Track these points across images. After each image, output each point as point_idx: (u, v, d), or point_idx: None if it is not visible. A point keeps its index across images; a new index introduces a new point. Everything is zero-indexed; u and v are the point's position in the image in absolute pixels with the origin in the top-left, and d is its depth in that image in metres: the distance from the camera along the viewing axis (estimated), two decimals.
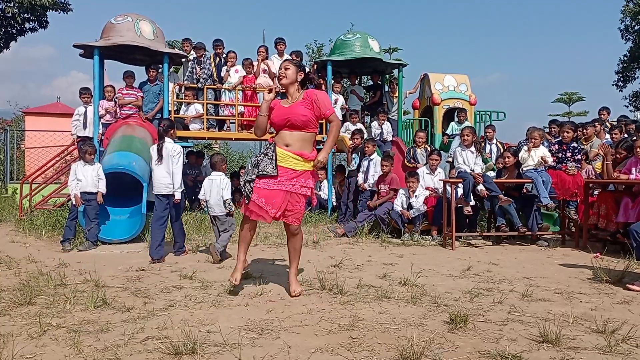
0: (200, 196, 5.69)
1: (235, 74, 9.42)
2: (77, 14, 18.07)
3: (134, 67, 9.37)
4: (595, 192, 6.87)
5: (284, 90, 3.95)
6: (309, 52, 22.31)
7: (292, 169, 3.72)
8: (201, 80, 9.14)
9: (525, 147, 6.75)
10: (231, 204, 5.51)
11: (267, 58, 9.70)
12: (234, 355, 2.70)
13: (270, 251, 5.97)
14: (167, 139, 5.53)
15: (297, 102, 3.80)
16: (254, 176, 3.70)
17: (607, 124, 9.05)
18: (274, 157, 3.68)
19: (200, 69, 9.15)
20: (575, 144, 6.84)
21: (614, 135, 7.60)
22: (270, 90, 3.88)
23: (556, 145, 6.83)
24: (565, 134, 6.74)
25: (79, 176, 6.16)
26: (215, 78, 9.28)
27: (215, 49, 9.52)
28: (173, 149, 5.47)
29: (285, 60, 4.02)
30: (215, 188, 5.49)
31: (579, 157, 6.65)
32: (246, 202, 3.71)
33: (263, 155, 3.73)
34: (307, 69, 4.23)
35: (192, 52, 9.44)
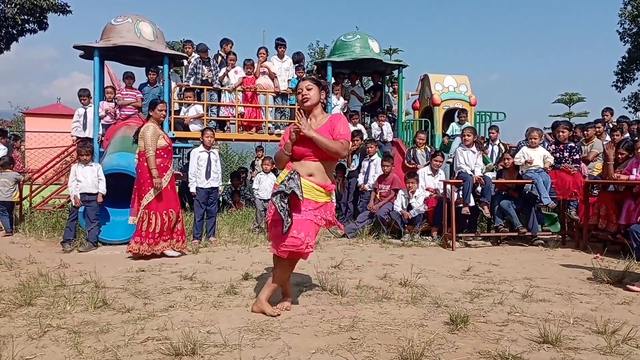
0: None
1: (235, 75, 9.42)
2: (79, 15, 18.11)
3: (133, 68, 9.37)
4: (595, 192, 6.87)
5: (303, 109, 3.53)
6: (312, 52, 22.37)
7: (314, 200, 3.42)
8: (215, 81, 9.17)
9: (521, 158, 6.66)
10: None
11: (266, 59, 9.70)
12: (234, 356, 2.70)
13: (270, 252, 5.96)
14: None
15: (320, 128, 3.42)
16: (285, 189, 3.28)
17: (609, 124, 9.05)
18: (299, 185, 3.33)
19: (209, 70, 9.15)
20: (572, 144, 6.84)
21: (615, 137, 7.58)
22: (296, 133, 3.39)
23: (553, 146, 6.84)
24: (561, 133, 6.76)
25: (78, 177, 6.16)
26: (216, 80, 9.28)
27: (225, 46, 9.51)
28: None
29: (305, 79, 3.58)
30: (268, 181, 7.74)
31: (577, 156, 6.65)
32: (287, 221, 3.27)
33: (289, 179, 3.34)
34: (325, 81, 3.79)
35: (194, 54, 9.42)
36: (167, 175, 5.66)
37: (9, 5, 14.89)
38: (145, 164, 5.54)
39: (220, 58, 9.50)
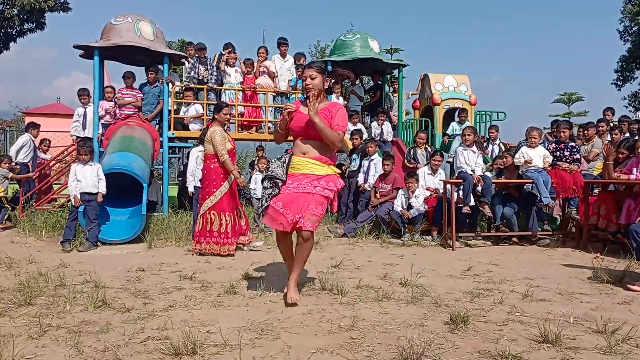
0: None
1: (235, 74, 9.40)
2: (79, 15, 18.11)
3: (133, 67, 9.36)
4: (595, 191, 6.87)
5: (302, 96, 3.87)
6: (313, 52, 22.40)
7: (312, 173, 3.59)
8: (210, 81, 9.12)
9: (521, 158, 6.66)
10: None
11: (266, 59, 9.69)
12: (234, 355, 2.69)
13: (271, 252, 5.97)
14: None
15: (318, 113, 3.57)
16: (267, 183, 3.70)
17: (610, 124, 9.04)
18: (286, 162, 3.65)
19: (205, 70, 9.13)
20: (573, 143, 6.84)
21: (614, 136, 7.59)
22: (289, 114, 3.66)
23: (554, 144, 6.84)
24: (562, 133, 6.76)
25: (78, 177, 6.16)
26: (212, 80, 9.23)
27: (227, 51, 9.48)
28: None
29: (311, 66, 3.69)
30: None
31: (577, 156, 6.65)
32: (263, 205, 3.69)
33: (276, 159, 3.68)
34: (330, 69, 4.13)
35: (195, 53, 9.38)
36: (231, 177, 5.84)
37: (8, 7, 14.88)
38: (212, 166, 5.76)
39: (223, 58, 9.43)
